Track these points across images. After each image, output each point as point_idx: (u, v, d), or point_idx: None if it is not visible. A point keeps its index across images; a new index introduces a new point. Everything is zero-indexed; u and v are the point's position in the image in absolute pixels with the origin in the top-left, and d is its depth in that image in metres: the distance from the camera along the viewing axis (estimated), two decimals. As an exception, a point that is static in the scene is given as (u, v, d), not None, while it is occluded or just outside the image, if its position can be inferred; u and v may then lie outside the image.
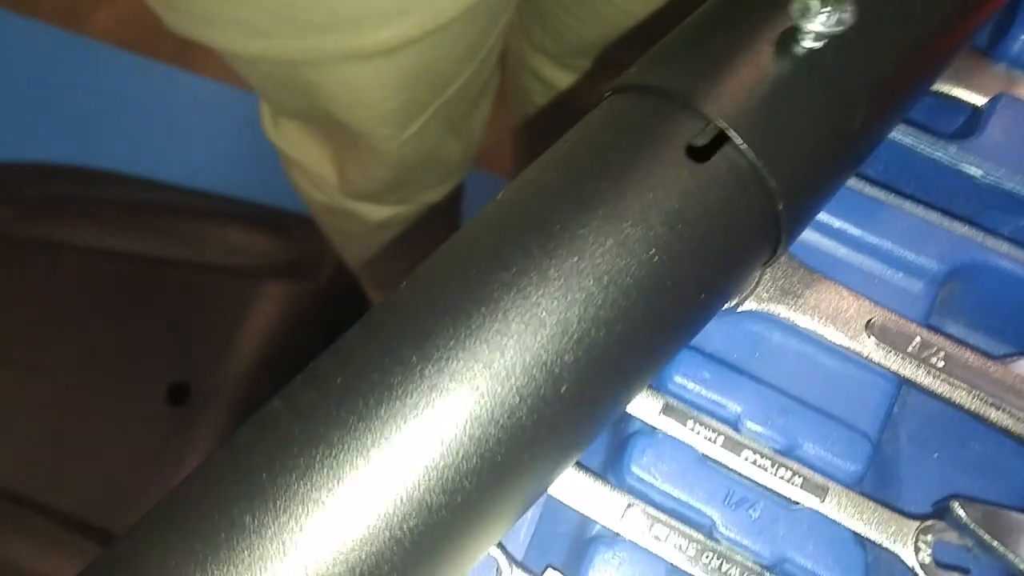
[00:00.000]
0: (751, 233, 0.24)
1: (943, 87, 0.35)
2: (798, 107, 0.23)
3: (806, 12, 0.23)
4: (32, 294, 1.11)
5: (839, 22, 0.23)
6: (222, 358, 1.07)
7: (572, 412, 0.22)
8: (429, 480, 0.20)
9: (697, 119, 0.23)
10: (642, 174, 0.22)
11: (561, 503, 0.27)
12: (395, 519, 0.20)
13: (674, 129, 0.23)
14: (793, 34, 0.23)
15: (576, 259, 0.21)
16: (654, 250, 0.22)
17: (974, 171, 0.31)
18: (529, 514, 0.29)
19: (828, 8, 0.23)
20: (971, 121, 0.34)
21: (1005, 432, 0.28)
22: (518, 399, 0.21)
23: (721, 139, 0.23)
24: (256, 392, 1.05)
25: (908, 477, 0.30)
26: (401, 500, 0.20)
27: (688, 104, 0.23)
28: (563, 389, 0.21)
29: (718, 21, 0.25)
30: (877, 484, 0.29)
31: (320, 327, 1.10)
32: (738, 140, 0.23)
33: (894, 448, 0.30)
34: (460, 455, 0.20)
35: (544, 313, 0.21)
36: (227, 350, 1.08)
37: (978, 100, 0.35)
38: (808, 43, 0.23)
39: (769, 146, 0.23)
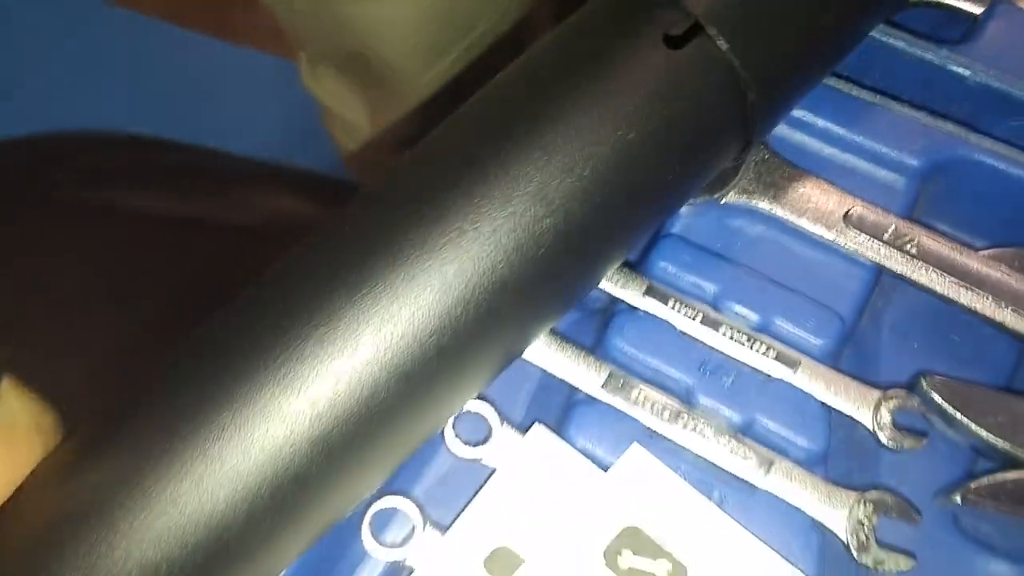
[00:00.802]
0: (722, 118, 0.25)
1: (943, -1, 0.36)
2: (771, 3, 0.25)
3: None
4: (91, 258, 1.16)
5: None
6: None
7: (549, 274, 0.24)
8: (419, 324, 0.22)
9: (676, 11, 0.25)
10: (623, 59, 0.24)
11: (552, 377, 0.29)
12: (388, 359, 0.22)
13: (655, 19, 0.25)
14: None
15: (560, 130, 0.23)
16: (630, 125, 0.23)
17: (964, 72, 0.32)
18: (524, 387, 0.31)
19: None
20: (968, 32, 0.35)
21: (976, 315, 0.29)
22: (500, 257, 0.23)
23: (697, 29, 0.24)
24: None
25: (884, 361, 0.31)
26: (398, 340, 0.22)
27: None
28: (540, 252, 0.23)
29: None
30: (854, 363, 0.30)
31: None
32: (711, 30, 0.24)
33: (873, 335, 0.31)
34: (448, 305, 0.22)
35: (524, 181, 0.23)
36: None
37: (976, 9, 0.35)
38: None
39: (741, 38, 0.24)
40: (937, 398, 0.28)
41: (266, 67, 1.36)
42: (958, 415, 0.28)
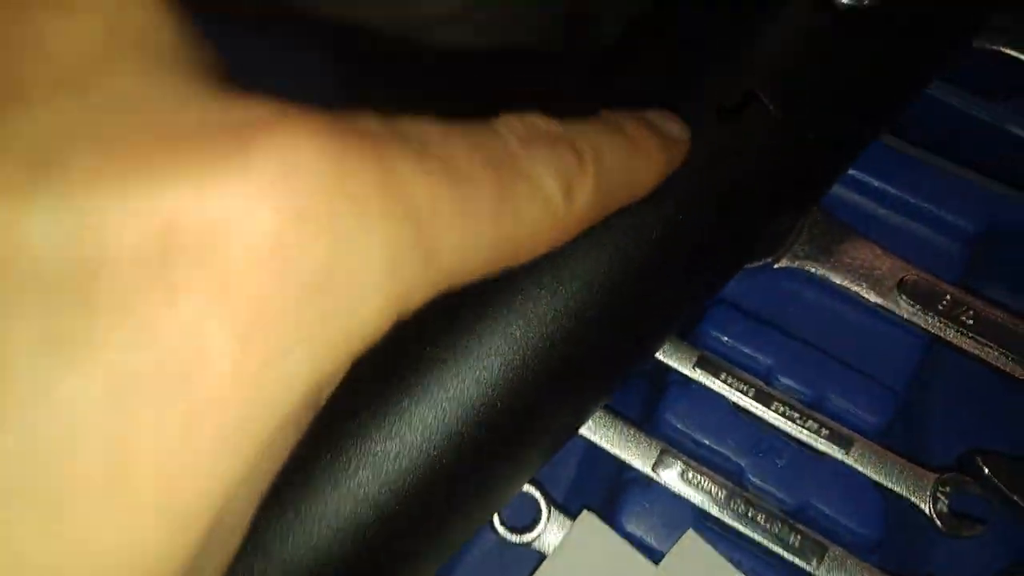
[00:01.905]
0: (775, 189, 0.24)
1: (998, 46, 0.35)
2: (825, 67, 0.24)
3: None
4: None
5: None
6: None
7: (599, 359, 0.23)
8: (469, 419, 0.22)
9: (727, 78, 0.24)
10: None
11: (600, 449, 0.29)
12: (439, 457, 0.21)
13: (705, 87, 0.24)
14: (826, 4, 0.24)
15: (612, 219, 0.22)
16: (684, 196, 0.23)
17: (1019, 131, 0.31)
18: (571, 460, 0.31)
19: None
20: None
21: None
22: (549, 344, 0.22)
23: (751, 98, 0.24)
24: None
25: (936, 431, 0.31)
26: (444, 438, 0.22)
27: (718, 63, 0.24)
28: (593, 331, 0.22)
29: None
30: (905, 437, 0.30)
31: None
32: (765, 99, 0.23)
33: (925, 403, 0.31)
34: (499, 395, 0.22)
35: (572, 265, 0.22)
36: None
37: (1029, 58, 0.34)
38: (837, 10, 0.24)
39: (797, 106, 0.24)
40: (992, 476, 0.28)
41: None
42: (1015, 496, 0.28)
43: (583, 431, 0.29)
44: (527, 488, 0.28)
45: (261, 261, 0.11)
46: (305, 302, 0.11)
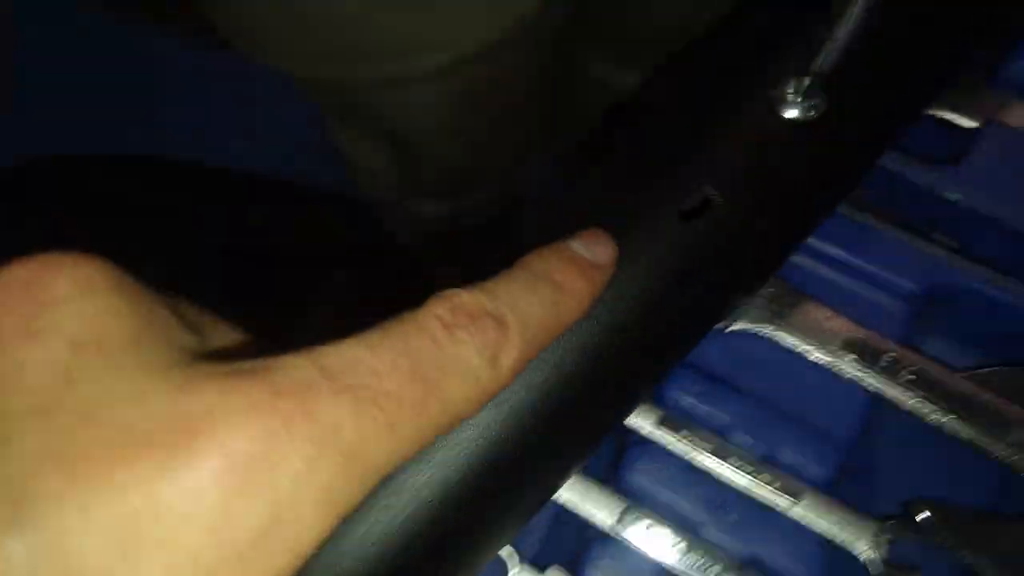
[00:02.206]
0: (733, 277, 0.27)
1: (940, 112, 0.37)
2: (776, 172, 0.26)
3: (784, 100, 0.26)
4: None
5: (813, 109, 0.26)
6: (284, 341, 1.13)
7: (572, 430, 0.26)
8: (446, 496, 0.24)
9: (687, 183, 0.26)
10: (639, 233, 0.26)
11: (568, 507, 0.31)
12: (417, 527, 0.24)
13: (668, 192, 0.26)
14: (776, 113, 0.26)
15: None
16: (644, 293, 0.25)
17: (954, 197, 0.34)
18: (542, 518, 0.33)
19: (805, 101, 0.26)
20: (963, 149, 0.36)
21: (967, 443, 0.31)
22: (531, 418, 0.24)
23: (709, 201, 0.26)
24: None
25: (883, 483, 0.33)
26: (425, 507, 0.24)
27: (679, 168, 0.26)
28: (563, 416, 0.25)
29: (711, 94, 0.28)
30: (853, 489, 0.32)
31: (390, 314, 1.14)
32: (721, 200, 0.26)
33: (872, 456, 0.33)
34: (478, 470, 0.24)
35: (547, 355, 0.24)
36: (290, 334, 1.13)
37: (972, 125, 0.36)
38: (786, 122, 0.26)
39: (748, 204, 0.26)
40: (930, 524, 0.30)
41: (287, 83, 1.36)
42: (951, 541, 0.30)
43: (553, 489, 0.31)
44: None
45: (212, 530, 0.14)
46: (251, 547, 0.15)
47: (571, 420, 0.25)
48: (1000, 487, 0.32)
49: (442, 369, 0.18)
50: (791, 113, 0.26)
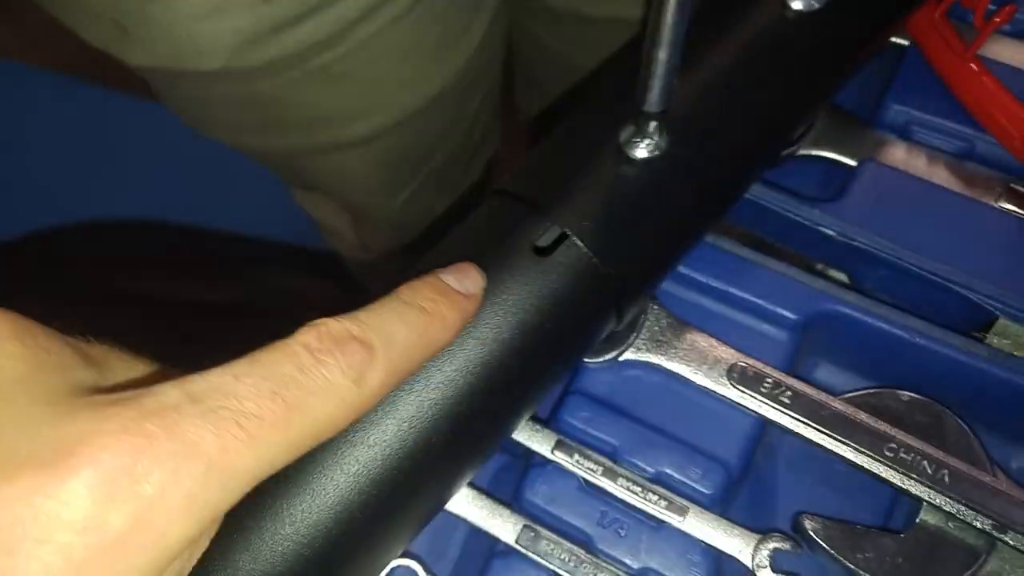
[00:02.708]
0: (591, 308, 0.29)
1: (822, 151, 0.40)
2: (625, 208, 0.29)
3: (629, 141, 0.29)
4: (130, 343, 1.22)
5: (656, 147, 0.29)
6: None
7: (450, 451, 0.28)
8: (330, 511, 0.26)
9: (543, 221, 0.29)
10: (497, 268, 0.28)
11: (475, 526, 0.33)
12: (305, 543, 0.26)
13: (524, 230, 0.29)
14: (623, 154, 0.30)
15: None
16: (505, 328, 0.28)
17: (830, 232, 0.36)
18: (455, 537, 0.35)
19: (646, 140, 0.29)
20: (843, 185, 0.39)
21: (845, 461, 0.33)
22: (402, 447, 0.27)
23: (562, 237, 0.29)
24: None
25: (772, 504, 0.35)
26: (307, 526, 0.26)
27: (536, 209, 0.29)
28: (434, 439, 0.27)
29: (568, 137, 0.32)
30: (743, 510, 0.34)
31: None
32: (574, 237, 0.29)
33: (762, 475, 0.35)
34: (352, 500, 0.26)
35: (422, 386, 0.27)
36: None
37: (852, 162, 0.39)
38: (632, 161, 0.29)
39: (600, 239, 0.29)
40: (814, 536, 0.32)
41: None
42: (832, 552, 0.32)
43: (461, 511, 0.33)
44: (408, 562, 0.33)
45: (83, 531, 0.18)
46: (118, 544, 0.18)
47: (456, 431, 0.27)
48: (881, 503, 0.34)
49: (305, 389, 0.21)
50: (637, 152, 0.29)
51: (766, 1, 0.33)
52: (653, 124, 0.29)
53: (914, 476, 0.32)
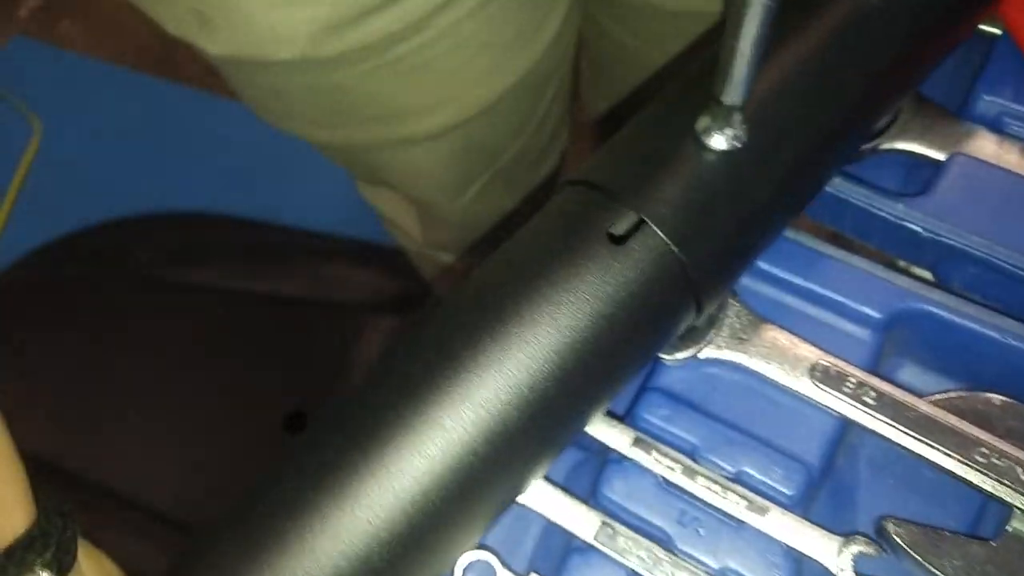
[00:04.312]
0: (669, 298, 0.29)
1: (907, 144, 0.39)
2: (704, 198, 0.29)
3: (708, 131, 0.29)
4: (170, 333, 1.25)
5: (735, 138, 0.29)
6: (336, 388, 1.17)
7: (527, 441, 0.28)
8: (409, 497, 0.27)
9: (618, 209, 0.29)
10: (572, 256, 0.28)
11: (552, 522, 0.33)
12: (385, 527, 0.26)
13: (599, 217, 0.29)
14: (701, 143, 0.29)
15: (520, 328, 0.28)
16: (582, 316, 0.28)
17: (917, 228, 0.35)
18: (529, 532, 0.35)
19: (724, 130, 0.28)
20: (930, 181, 0.38)
21: (931, 464, 0.32)
22: (478, 434, 0.27)
23: (639, 224, 0.29)
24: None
25: (854, 506, 0.34)
26: (388, 511, 0.27)
27: (611, 196, 0.29)
28: (512, 428, 0.27)
29: (645, 127, 0.31)
30: (824, 511, 0.33)
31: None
32: (651, 224, 0.28)
33: (844, 477, 0.34)
34: (430, 484, 0.27)
35: (494, 373, 0.27)
36: (340, 381, 1.18)
37: (940, 156, 0.38)
38: (712, 151, 0.29)
39: (679, 227, 0.28)
40: (899, 541, 0.31)
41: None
42: (918, 558, 0.31)
43: (538, 507, 0.33)
44: (485, 555, 0.33)
45: None
46: None
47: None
48: (969, 509, 0.33)
49: None
50: (716, 143, 0.28)
51: None
52: (732, 114, 0.28)
53: (1007, 482, 0.31)
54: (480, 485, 0.28)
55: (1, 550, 0.27)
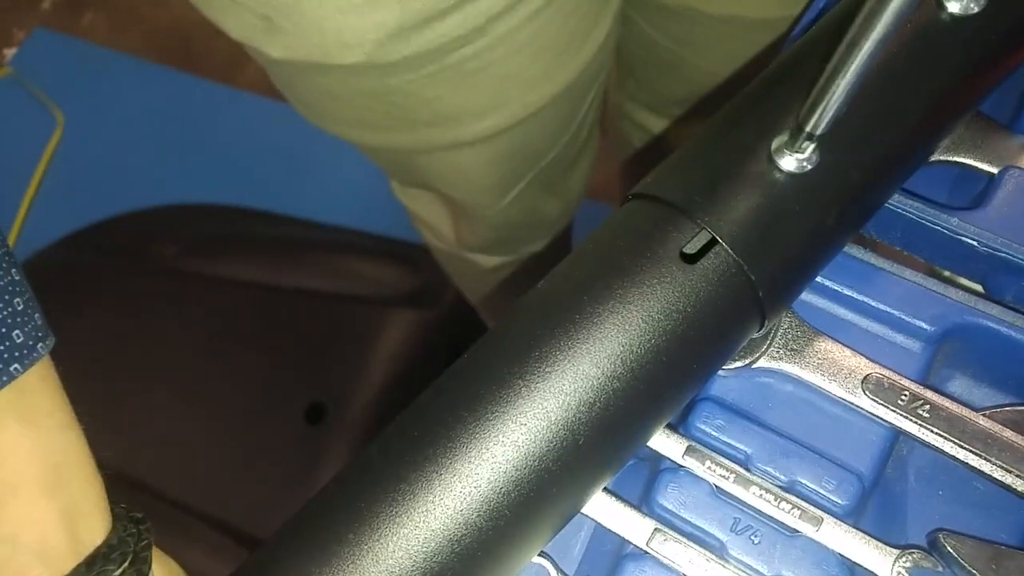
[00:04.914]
0: (737, 316, 0.29)
1: (960, 157, 0.39)
2: (774, 219, 0.29)
3: (781, 152, 0.29)
4: (191, 324, 1.26)
5: (808, 161, 0.29)
6: (355, 380, 1.18)
7: (594, 454, 0.29)
8: (479, 508, 0.27)
9: (690, 227, 0.29)
10: (644, 275, 0.29)
11: (605, 527, 0.34)
12: (455, 538, 0.27)
13: (671, 236, 0.29)
14: (774, 163, 0.29)
15: (593, 344, 0.28)
16: (652, 334, 0.28)
17: (971, 241, 0.36)
18: (580, 537, 0.35)
19: (799, 153, 0.29)
20: (982, 193, 0.38)
21: (986, 477, 0.32)
22: (548, 448, 0.28)
23: (711, 243, 0.29)
24: (385, 411, 1.16)
25: (907, 517, 0.34)
26: (458, 524, 0.27)
27: (683, 214, 0.29)
28: (581, 441, 0.28)
29: (715, 143, 0.31)
30: (876, 522, 0.34)
31: (443, 350, 1.19)
32: (724, 244, 0.29)
33: (895, 488, 0.35)
34: (500, 498, 0.27)
35: (565, 388, 0.28)
36: (360, 373, 1.19)
37: (992, 169, 0.38)
38: (783, 173, 0.29)
39: (749, 248, 0.29)
40: (954, 555, 0.32)
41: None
42: (974, 572, 0.31)
43: (591, 512, 0.34)
44: (539, 560, 0.33)
45: None
46: None
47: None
48: (1021, 523, 0.33)
49: None
50: (788, 165, 0.29)
51: (921, 4, 0.32)
52: (811, 141, 0.28)
53: (1062, 496, 0.31)
54: (549, 499, 0.28)
55: (82, 560, 0.28)
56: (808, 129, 0.27)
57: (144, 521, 0.30)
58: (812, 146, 0.29)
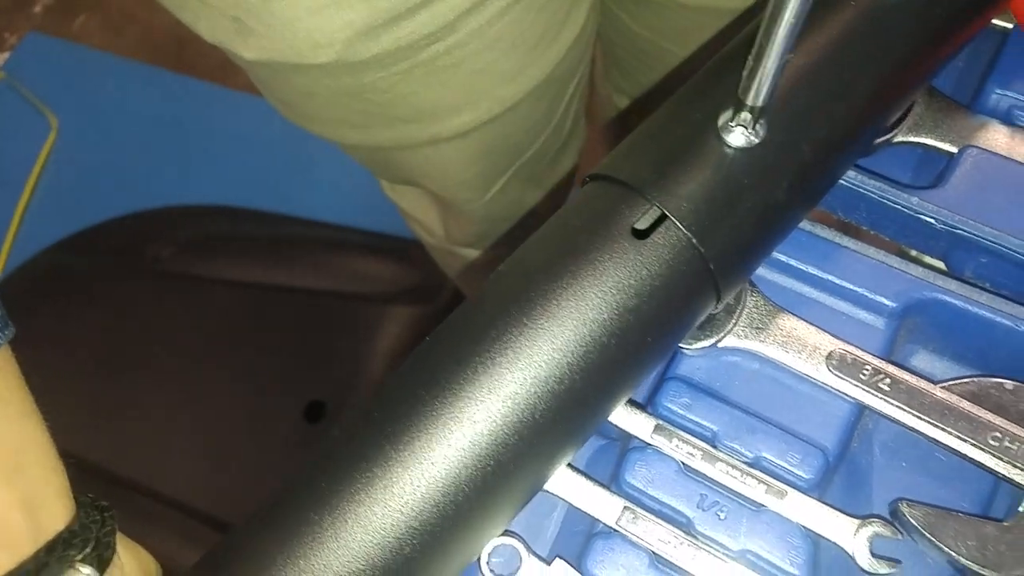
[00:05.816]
0: (690, 290, 0.30)
1: (920, 137, 0.40)
2: (724, 193, 0.30)
3: (728, 128, 0.30)
4: (189, 325, 1.27)
5: (755, 135, 0.29)
6: (354, 378, 1.19)
7: (553, 429, 0.29)
8: (438, 485, 0.28)
9: (641, 203, 0.30)
10: (597, 252, 0.29)
11: (576, 508, 0.35)
12: (414, 514, 0.28)
13: (623, 213, 0.30)
14: (722, 139, 0.30)
15: (548, 321, 0.29)
16: (606, 309, 0.29)
17: (931, 219, 0.36)
18: (552, 517, 0.36)
19: (745, 127, 0.29)
20: (942, 173, 0.38)
21: (945, 447, 0.33)
22: (506, 424, 0.28)
23: (661, 219, 0.30)
24: (383, 407, 1.16)
25: (870, 488, 0.35)
26: (416, 500, 0.28)
27: (634, 191, 0.30)
28: (539, 416, 0.29)
29: (666, 122, 0.32)
30: (841, 494, 0.34)
31: (441, 345, 1.20)
32: (673, 218, 0.29)
33: (860, 461, 0.35)
34: (459, 474, 0.28)
35: (521, 364, 0.28)
36: (359, 370, 1.19)
37: (952, 149, 0.39)
38: (732, 148, 0.30)
39: (699, 222, 0.29)
40: (913, 522, 0.32)
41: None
42: (932, 539, 0.32)
43: (562, 492, 0.34)
44: (512, 541, 0.34)
45: None
46: None
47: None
48: (981, 491, 0.34)
49: None
50: (736, 140, 0.29)
51: None
52: (753, 112, 0.29)
53: (1019, 465, 0.32)
54: (509, 475, 0.29)
55: (42, 545, 0.28)
56: (748, 102, 0.28)
57: (108, 509, 0.31)
58: (757, 119, 0.29)
